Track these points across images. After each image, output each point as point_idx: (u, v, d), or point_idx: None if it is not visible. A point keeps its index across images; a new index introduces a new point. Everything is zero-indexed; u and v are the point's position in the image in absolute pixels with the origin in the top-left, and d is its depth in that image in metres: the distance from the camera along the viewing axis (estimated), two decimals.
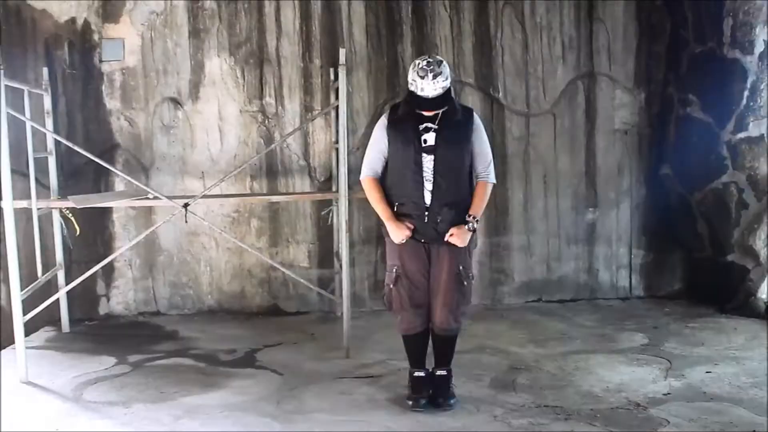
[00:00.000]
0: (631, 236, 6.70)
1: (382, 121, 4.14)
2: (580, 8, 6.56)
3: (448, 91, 3.96)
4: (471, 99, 6.46)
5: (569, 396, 4.32)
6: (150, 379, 4.77)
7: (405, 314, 4.16)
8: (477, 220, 4.05)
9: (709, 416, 3.97)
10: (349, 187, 5.27)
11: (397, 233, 4.03)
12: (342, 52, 5.18)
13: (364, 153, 6.03)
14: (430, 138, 3.96)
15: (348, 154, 5.36)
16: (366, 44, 6.41)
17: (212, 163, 6.34)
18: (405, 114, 4.03)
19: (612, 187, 6.66)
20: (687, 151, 6.47)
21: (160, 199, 5.35)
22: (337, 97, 5.40)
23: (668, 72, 6.63)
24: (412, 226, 4.01)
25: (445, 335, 4.19)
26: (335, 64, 5.60)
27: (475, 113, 4.20)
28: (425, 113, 3.98)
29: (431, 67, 3.92)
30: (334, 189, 5.97)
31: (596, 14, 6.56)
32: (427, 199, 3.98)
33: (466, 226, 4.00)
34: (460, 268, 4.06)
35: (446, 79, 3.94)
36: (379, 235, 6.31)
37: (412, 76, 3.97)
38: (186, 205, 5.19)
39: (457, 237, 3.97)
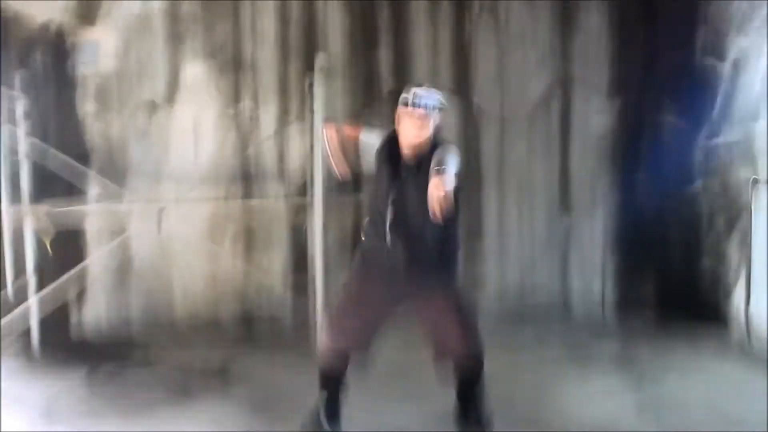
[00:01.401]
0: (605, 242, 6.69)
1: (377, 139, 3.83)
2: (556, 15, 6.54)
3: (440, 108, 3.64)
4: (449, 103, 6.39)
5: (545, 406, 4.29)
6: (123, 389, 4.71)
7: (344, 335, 3.77)
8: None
9: (683, 424, 3.99)
10: (325, 193, 5.27)
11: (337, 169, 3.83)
12: (319, 56, 5.15)
13: None
14: (399, 183, 3.63)
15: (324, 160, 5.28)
16: (343, 50, 6.38)
17: (188, 168, 6.25)
18: (387, 151, 3.71)
19: (587, 193, 6.64)
20: (662, 157, 6.46)
21: (134, 203, 5.26)
22: (313, 103, 5.35)
23: (643, 78, 6.61)
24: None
25: (472, 366, 3.77)
26: (313, 70, 5.56)
27: (451, 147, 3.72)
28: (406, 156, 3.64)
29: (426, 85, 3.76)
30: (309, 194, 5.91)
31: (572, 21, 6.54)
32: (391, 237, 3.64)
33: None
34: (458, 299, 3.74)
35: (440, 99, 3.63)
36: (356, 242, 6.32)
37: (407, 92, 3.66)
38: (161, 210, 5.13)
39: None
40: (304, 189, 6.17)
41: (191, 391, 4.64)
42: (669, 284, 6.54)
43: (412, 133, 3.58)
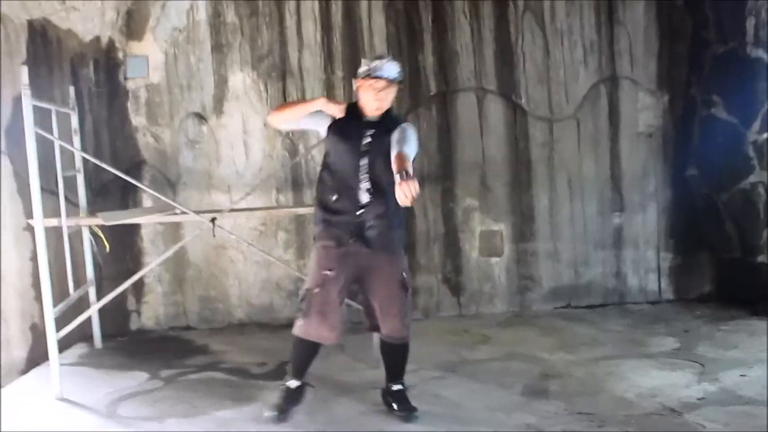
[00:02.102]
0: (659, 239, 6.64)
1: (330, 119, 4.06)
2: (600, 12, 6.52)
3: (401, 80, 4.01)
4: (493, 106, 6.47)
5: (602, 402, 4.27)
6: (182, 393, 4.77)
7: (317, 320, 3.97)
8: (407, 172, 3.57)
9: (745, 420, 3.92)
10: None
11: (338, 107, 4.00)
12: (364, 62, 5.17)
13: None
14: (366, 142, 3.94)
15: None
16: (388, 53, 6.31)
17: (238, 176, 6.36)
18: (348, 118, 4.01)
19: (637, 191, 6.60)
20: (712, 153, 6.40)
21: (187, 213, 5.37)
22: None
23: (691, 73, 6.57)
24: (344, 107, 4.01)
25: (400, 344, 4.14)
26: (357, 76, 5.58)
27: (409, 122, 4.24)
28: (367, 117, 4.00)
29: (386, 54, 4.13)
30: None
31: (617, 17, 6.52)
32: (364, 198, 3.95)
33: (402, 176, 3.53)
34: (403, 274, 4.05)
35: (400, 69, 4.02)
36: (406, 244, 6.37)
37: (366, 64, 3.99)
38: (213, 220, 5.21)
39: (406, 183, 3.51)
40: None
41: (249, 394, 4.69)
42: (725, 280, 6.49)
43: (373, 104, 3.94)
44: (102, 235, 5.73)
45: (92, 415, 4.47)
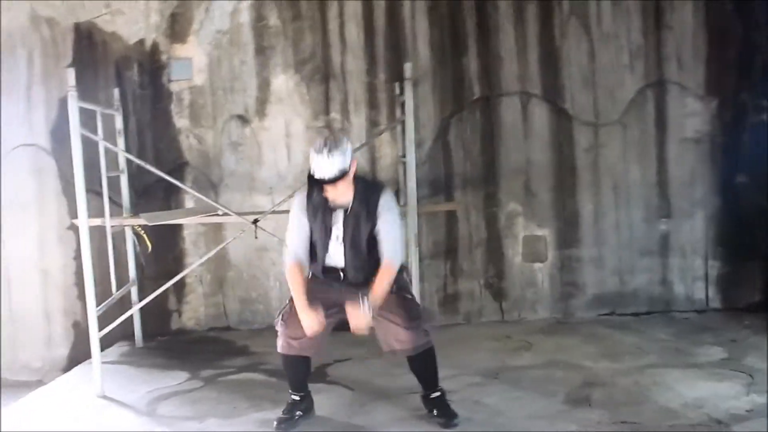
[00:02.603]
0: (706, 247, 6.50)
1: (300, 203, 4.04)
2: (647, 15, 6.41)
3: (345, 173, 3.81)
4: (538, 111, 6.41)
5: (647, 412, 4.18)
6: (222, 394, 4.80)
7: (297, 333, 3.95)
8: (371, 306, 3.75)
9: None
10: (418, 201, 5.27)
11: (310, 323, 3.82)
12: (407, 66, 5.18)
13: (430, 166, 6.31)
14: (338, 230, 3.96)
15: (415, 168, 5.35)
16: (430, 58, 6.40)
17: (280, 179, 6.38)
18: (318, 199, 3.96)
19: (685, 197, 6.48)
20: (762, 159, 6.28)
21: (229, 215, 5.40)
22: (403, 112, 5.41)
23: (740, 78, 6.43)
24: (323, 321, 3.85)
25: (416, 354, 3.98)
26: (400, 79, 5.60)
27: (385, 192, 4.04)
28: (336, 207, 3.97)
29: (328, 144, 3.80)
30: (401, 203, 5.89)
31: (664, 21, 6.41)
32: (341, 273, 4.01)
33: (361, 306, 3.72)
34: (394, 287, 3.93)
35: (345, 158, 3.80)
36: (449, 249, 6.46)
37: (310, 158, 3.85)
38: (256, 221, 5.23)
39: (355, 316, 3.73)
40: (396, 199, 6.18)
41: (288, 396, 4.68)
42: None
43: (333, 196, 3.88)
44: (145, 236, 5.80)
45: (133, 413, 4.53)
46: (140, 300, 5.68)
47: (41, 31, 6.18)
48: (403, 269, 4.14)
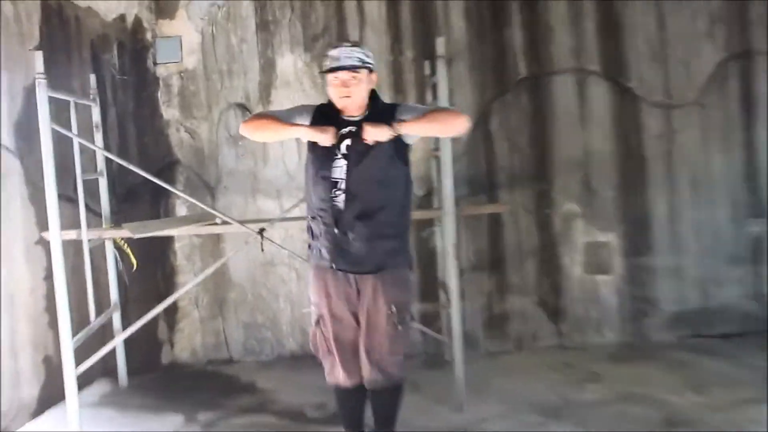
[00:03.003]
0: None
1: (307, 105, 4.13)
2: None
3: (367, 66, 3.91)
4: (597, 91, 6.32)
5: None
6: None
7: (331, 361, 4.05)
8: (401, 123, 3.79)
9: None
10: (456, 203, 5.16)
11: (322, 135, 3.81)
12: (440, 41, 5.10)
13: (469, 161, 6.25)
14: (346, 142, 3.91)
15: (452, 163, 5.23)
16: (467, 30, 6.33)
17: (289, 179, 6.32)
18: (324, 119, 3.93)
19: None
20: None
21: (230, 224, 5.34)
22: (434, 96, 5.35)
23: None
24: (333, 129, 3.84)
25: (374, 389, 4.02)
26: (431, 56, 5.52)
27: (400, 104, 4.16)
28: (347, 117, 3.93)
29: (349, 42, 4.08)
30: (436, 205, 5.92)
31: None
32: (338, 213, 3.87)
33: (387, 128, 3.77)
34: (392, 308, 3.89)
35: (367, 55, 3.93)
36: (494, 260, 6.38)
37: (326, 57, 3.99)
38: (262, 231, 5.17)
39: (370, 128, 3.77)
40: (429, 199, 6.19)
41: None
42: None
43: (340, 102, 3.90)
44: (129, 250, 5.76)
45: None
46: (124, 328, 5.63)
47: (1, 7, 6.12)
48: (410, 264, 4.09)
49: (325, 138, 3.78)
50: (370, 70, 3.90)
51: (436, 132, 4.11)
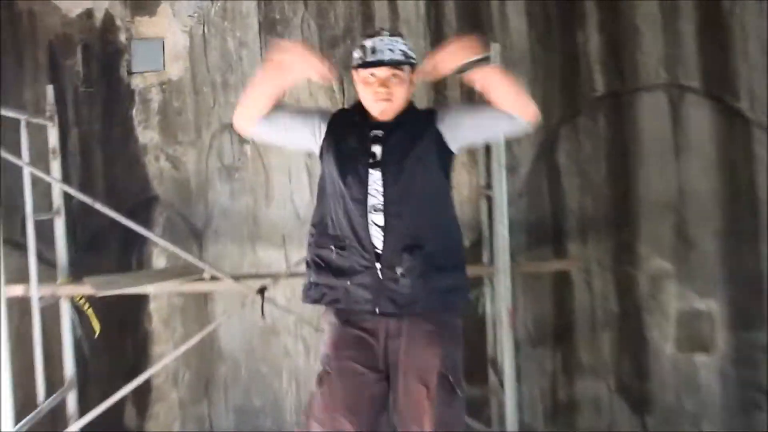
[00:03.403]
0: None
1: (326, 111, 4.04)
2: None
3: (411, 60, 3.85)
4: (695, 112, 6.24)
5: None
6: None
7: (327, 423, 3.74)
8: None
9: None
10: (512, 257, 5.11)
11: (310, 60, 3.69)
12: (494, 48, 5.09)
13: (529, 202, 6.21)
14: (377, 149, 3.79)
15: (507, 205, 5.20)
16: (528, 34, 6.31)
17: (298, 222, 6.25)
18: (349, 122, 3.88)
19: None
20: None
21: (221, 280, 5.32)
22: None
23: None
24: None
25: None
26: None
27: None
28: (377, 119, 3.84)
29: (387, 30, 3.95)
30: (486, 259, 5.87)
31: None
32: (377, 240, 3.71)
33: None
34: (447, 366, 3.70)
35: (411, 48, 3.89)
36: (560, 331, 6.27)
37: (357, 48, 3.90)
38: (262, 290, 5.15)
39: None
40: (476, 251, 6.09)
41: None
42: None
43: (375, 105, 3.79)
44: (90, 312, 5.73)
45: None
46: (81, 413, 5.55)
47: None
48: (457, 318, 3.92)
49: (315, 66, 3.66)
50: (413, 68, 3.85)
51: (508, 102, 3.79)
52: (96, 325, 5.74)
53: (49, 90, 5.91)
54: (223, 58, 6.37)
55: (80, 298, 5.69)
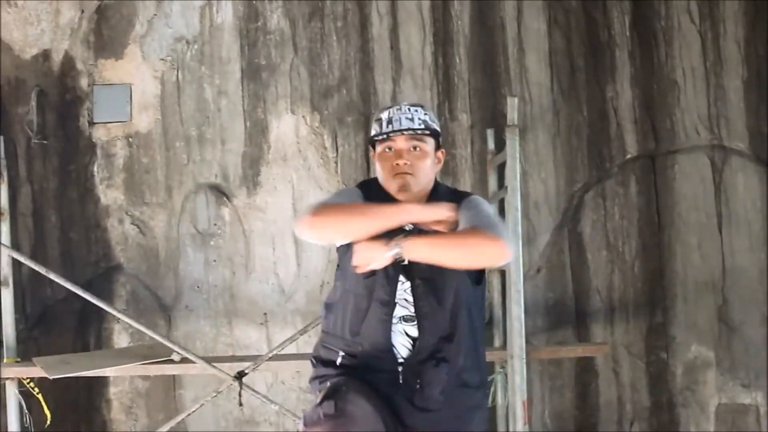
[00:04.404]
0: None
1: (356, 191, 3.92)
2: None
3: (435, 132, 3.79)
4: (742, 177, 6.35)
5: None
6: None
7: None
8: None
9: None
10: (527, 340, 5.19)
11: (445, 212, 3.57)
12: (511, 102, 5.19)
13: (549, 278, 6.29)
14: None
15: (523, 281, 5.27)
16: (551, 87, 6.41)
17: (283, 297, 6.32)
18: (374, 193, 3.82)
19: None
20: None
21: (193, 362, 5.34)
22: (500, 182, 5.49)
23: None
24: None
25: None
26: (496, 124, 5.71)
27: (476, 196, 3.96)
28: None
29: (406, 103, 3.85)
30: (498, 343, 5.92)
31: None
32: (401, 347, 3.71)
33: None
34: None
35: (433, 120, 3.82)
36: (583, 425, 6.29)
37: (373, 122, 3.85)
38: (241, 375, 5.17)
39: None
40: (488, 334, 6.03)
41: None
42: None
43: (394, 182, 3.72)
44: (41, 398, 5.72)
45: None
46: None
47: None
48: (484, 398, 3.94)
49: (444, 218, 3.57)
50: (438, 142, 3.81)
51: (452, 260, 3.62)
52: (47, 413, 5.73)
53: None
54: (198, 108, 6.40)
55: (29, 381, 5.66)
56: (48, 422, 5.81)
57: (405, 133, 3.69)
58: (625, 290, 6.35)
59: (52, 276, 5.28)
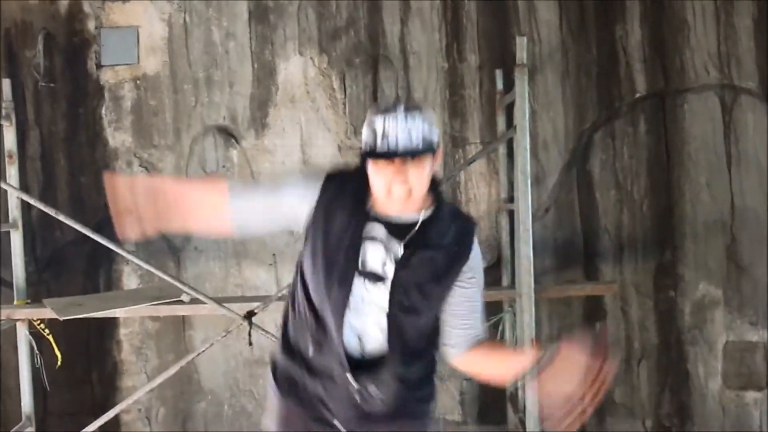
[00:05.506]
0: None
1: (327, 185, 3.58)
2: None
3: (431, 148, 3.39)
4: (752, 117, 6.34)
5: None
6: None
7: None
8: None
9: None
10: (536, 279, 5.19)
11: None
12: (520, 42, 5.17)
13: (557, 217, 6.32)
14: (376, 259, 3.49)
15: (532, 220, 5.27)
16: (560, 26, 6.39)
17: (291, 238, 6.26)
18: (349, 200, 3.51)
19: None
20: None
21: (202, 303, 5.35)
22: (509, 122, 5.50)
23: None
24: None
25: None
26: (505, 64, 5.72)
27: (476, 235, 3.63)
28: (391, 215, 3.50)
29: (403, 104, 3.40)
30: (506, 282, 5.98)
31: None
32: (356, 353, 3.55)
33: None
34: None
35: (431, 130, 3.39)
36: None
37: (367, 126, 3.39)
38: (250, 315, 5.18)
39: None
40: (496, 272, 6.18)
41: None
42: None
43: (389, 203, 3.44)
44: (51, 339, 5.76)
45: None
46: None
47: None
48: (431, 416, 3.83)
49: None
50: (434, 151, 3.38)
51: (488, 375, 3.67)
52: (58, 354, 5.77)
53: (6, 85, 5.98)
54: (206, 51, 6.40)
55: (40, 323, 5.70)
56: (59, 363, 5.83)
57: (402, 156, 3.29)
58: (634, 229, 6.36)
59: (61, 218, 5.24)
